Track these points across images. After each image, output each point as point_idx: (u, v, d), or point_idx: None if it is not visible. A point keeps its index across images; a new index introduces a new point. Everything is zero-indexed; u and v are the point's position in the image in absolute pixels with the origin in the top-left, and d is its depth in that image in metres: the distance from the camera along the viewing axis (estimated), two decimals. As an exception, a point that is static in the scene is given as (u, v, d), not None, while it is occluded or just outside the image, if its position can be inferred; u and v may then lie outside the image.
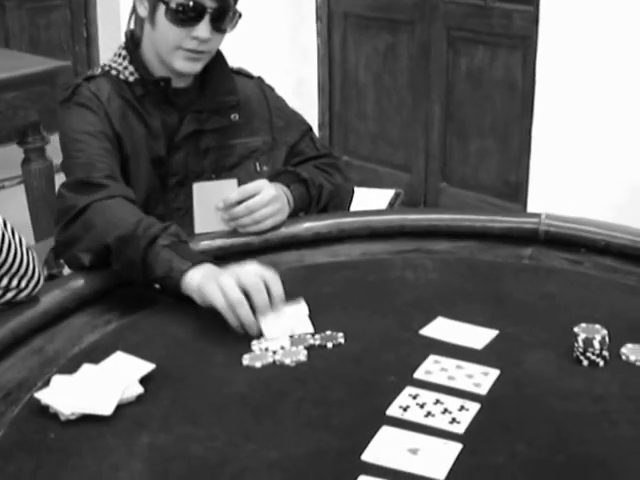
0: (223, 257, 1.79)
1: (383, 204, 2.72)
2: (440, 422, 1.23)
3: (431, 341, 1.45)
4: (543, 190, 3.74)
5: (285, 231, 1.85)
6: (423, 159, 4.49)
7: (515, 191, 4.04)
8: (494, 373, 1.35)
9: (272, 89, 2.11)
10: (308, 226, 1.87)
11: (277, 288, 1.50)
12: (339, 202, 2.04)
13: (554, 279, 1.69)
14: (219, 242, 1.81)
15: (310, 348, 1.43)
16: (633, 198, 3.36)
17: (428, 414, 1.25)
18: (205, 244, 1.79)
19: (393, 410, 1.26)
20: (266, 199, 1.81)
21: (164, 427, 1.25)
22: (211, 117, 1.94)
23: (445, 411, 1.25)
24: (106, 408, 1.27)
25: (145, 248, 1.57)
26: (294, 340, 1.45)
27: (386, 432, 1.21)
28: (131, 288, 1.66)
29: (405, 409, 1.26)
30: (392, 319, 1.52)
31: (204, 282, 1.51)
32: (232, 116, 1.96)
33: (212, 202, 1.83)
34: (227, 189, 1.83)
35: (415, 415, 1.24)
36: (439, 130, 4.37)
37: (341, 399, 1.30)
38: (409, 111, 4.47)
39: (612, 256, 1.75)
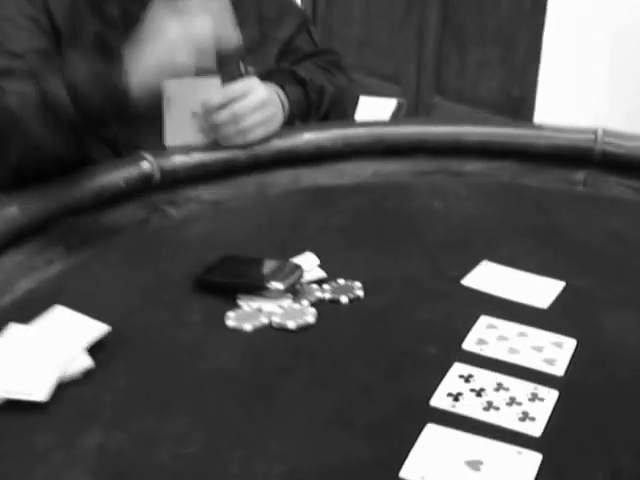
0: (200, 176, 1.41)
1: (384, 116, 2.33)
2: (507, 418, 0.86)
3: (479, 295, 1.07)
4: (551, 105, 3.33)
5: (279, 144, 1.46)
6: (415, 69, 4.06)
7: (517, 106, 3.63)
8: (570, 344, 0.98)
9: None
10: (308, 138, 1.47)
11: None
12: (342, 108, 1.65)
13: (620, 213, 1.31)
14: (196, 158, 1.41)
15: (318, 304, 1.05)
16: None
17: (489, 406, 0.88)
18: (178, 161, 1.39)
19: (439, 399, 0.89)
20: (256, 102, 1.41)
21: (118, 420, 0.88)
22: None
23: (512, 401, 0.88)
24: (40, 391, 0.89)
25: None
26: (297, 291, 1.07)
27: (432, 433, 0.84)
28: (80, 217, 1.27)
29: (456, 398, 0.89)
30: (423, 263, 1.15)
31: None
32: None
33: (188, 106, 1.43)
34: (208, 89, 1.43)
35: (471, 407, 0.88)
36: (434, 37, 3.93)
37: (365, 381, 0.92)
38: (401, 15, 4.03)
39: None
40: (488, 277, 1.11)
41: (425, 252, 1.17)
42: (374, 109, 2.35)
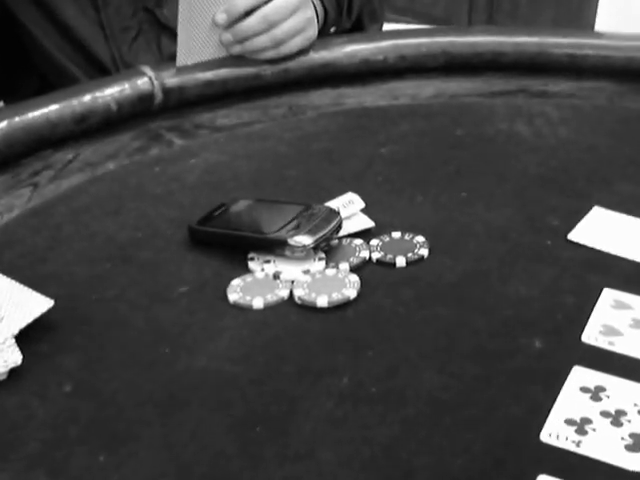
0: (214, 97, 1.03)
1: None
2: (672, 469, 0.48)
3: (596, 256, 0.68)
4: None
5: (314, 57, 1.07)
6: (466, 11, 3.64)
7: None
8: None
9: None
10: (352, 49, 1.07)
11: None
12: (373, 9, 1.24)
13: None
14: (209, 75, 1.03)
15: (362, 268, 0.67)
16: None
17: (636, 443, 0.50)
18: (186, 78, 1.01)
19: (555, 430, 0.51)
20: (293, 3, 1.02)
21: (49, 452, 0.52)
22: None
23: (674, 435, 0.50)
24: None
25: None
26: (332, 249, 0.69)
27: (550, 495, 0.47)
28: (58, 149, 0.91)
29: (581, 427, 0.51)
30: (511, 208, 0.76)
31: None
32: None
33: (207, 14, 1.04)
34: None
35: (606, 444, 0.50)
36: (486, -27, 3.51)
37: (434, 396, 0.54)
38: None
39: None
40: (605, 230, 0.72)
41: (512, 192, 0.78)
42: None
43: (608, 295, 0.63)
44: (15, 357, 0.58)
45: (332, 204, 0.73)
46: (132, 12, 1.11)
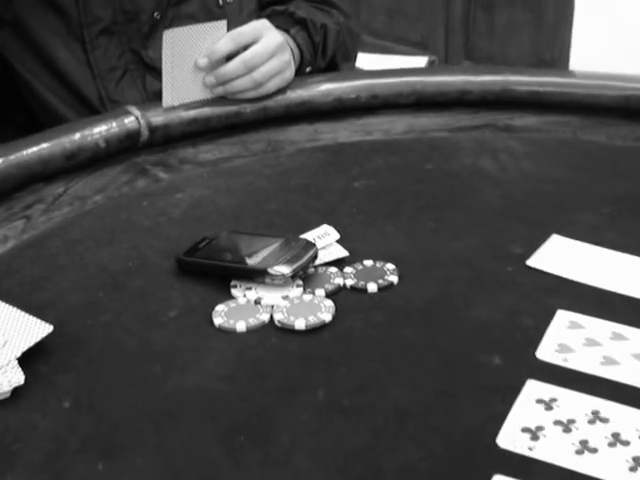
0: (197, 133, 1.09)
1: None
2: (610, 466, 0.54)
3: (552, 280, 0.75)
4: (586, 68, 2.98)
5: (293, 96, 1.14)
6: (443, 34, 3.73)
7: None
8: (686, 350, 0.66)
9: None
10: (326, 88, 1.15)
11: None
12: (346, 49, 1.32)
13: None
14: (193, 113, 1.10)
15: (336, 294, 0.73)
16: None
17: (583, 447, 0.56)
18: (170, 116, 1.08)
19: (510, 437, 0.57)
20: (271, 48, 1.09)
21: (48, 461, 0.57)
22: None
23: (616, 440, 0.57)
24: (-60, 422, 0.59)
25: None
26: (308, 277, 0.75)
27: (505, 495, 0.53)
28: (49, 184, 0.97)
29: (535, 434, 0.57)
30: (475, 237, 0.83)
31: None
32: None
33: (189, 58, 1.11)
34: (213, 36, 1.10)
35: (557, 449, 0.56)
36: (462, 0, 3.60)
37: (402, 408, 0.60)
38: (428, -21, 3.70)
39: None
40: (562, 256, 0.79)
41: (477, 223, 0.85)
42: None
43: (563, 316, 0.69)
44: (18, 377, 0.64)
45: (309, 236, 0.80)
46: (119, 53, 1.18)
